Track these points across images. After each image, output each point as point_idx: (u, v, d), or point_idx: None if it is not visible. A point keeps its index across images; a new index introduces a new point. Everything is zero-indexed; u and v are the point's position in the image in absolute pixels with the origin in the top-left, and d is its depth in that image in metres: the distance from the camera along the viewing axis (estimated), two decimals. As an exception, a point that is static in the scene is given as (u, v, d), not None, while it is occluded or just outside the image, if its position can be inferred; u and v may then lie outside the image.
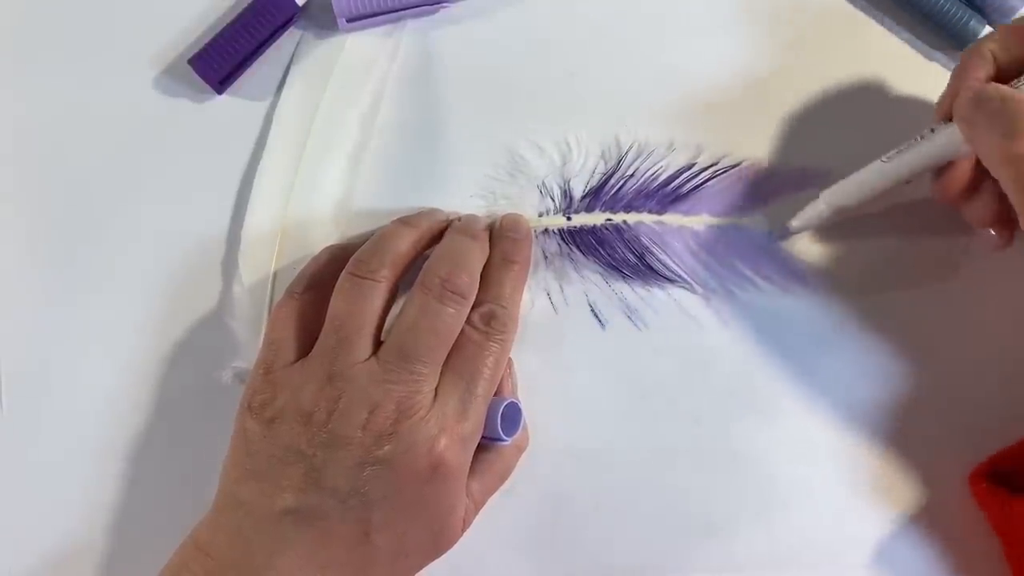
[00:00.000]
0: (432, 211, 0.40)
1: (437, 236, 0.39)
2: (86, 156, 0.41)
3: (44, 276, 0.40)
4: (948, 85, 0.37)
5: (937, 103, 0.38)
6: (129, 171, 0.41)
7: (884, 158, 0.38)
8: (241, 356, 0.39)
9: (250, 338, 0.39)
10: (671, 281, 0.41)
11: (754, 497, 0.40)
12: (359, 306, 0.35)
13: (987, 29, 0.42)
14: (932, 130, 0.37)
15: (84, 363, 0.40)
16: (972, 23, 0.41)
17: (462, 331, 0.36)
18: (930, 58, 0.43)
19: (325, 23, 0.41)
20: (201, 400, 0.39)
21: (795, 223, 0.40)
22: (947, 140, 0.36)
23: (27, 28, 0.41)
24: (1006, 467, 0.38)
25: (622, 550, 0.39)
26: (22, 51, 0.41)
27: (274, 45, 0.41)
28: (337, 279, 0.36)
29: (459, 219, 0.40)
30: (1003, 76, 0.36)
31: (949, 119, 0.36)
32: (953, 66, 0.42)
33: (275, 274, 0.40)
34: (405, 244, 0.37)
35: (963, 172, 0.37)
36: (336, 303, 0.35)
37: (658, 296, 0.41)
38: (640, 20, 0.42)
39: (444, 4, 0.41)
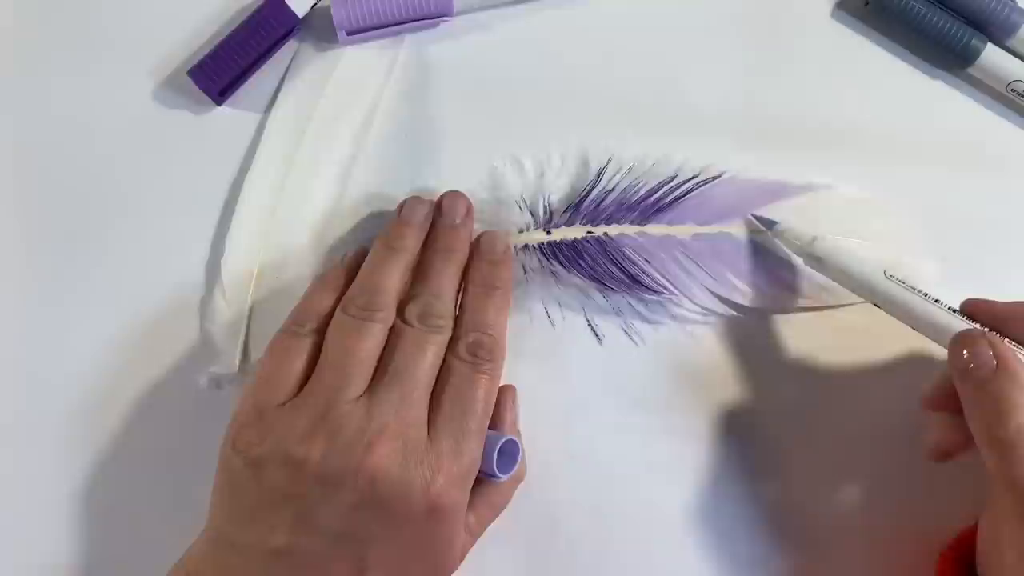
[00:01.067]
0: (412, 226, 0.38)
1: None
2: (85, 166, 0.41)
3: (38, 284, 0.40)
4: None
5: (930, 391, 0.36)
6: (128, 181, 0.41)
7: (887, 275, 0.36)
8: (218, 362, 0.39)
9: (228, 344, 0.39)
10: (657, 292, 0.40)
11: (752, 511, 0.39)
12: (356, 345, 0.34)
13: (988, 47, 0.42)
14: (936, 301, 0.35)
15: (78, 366, 0.39)
16: (973, 42, 0.41)
17: (450, 364, 0.35)
18: (933, 76, 0.43)
19: (325, 35, 0.41)
20: (195, 408, 0.39)
21: (777, 229, 0.39)
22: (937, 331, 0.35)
23: (27, 39, 0.42)
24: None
25: (619, 565, 0.39)
26: (23, 62, 0.41)
27: (276, 56, 0.41)
28: (330, 313, 0.36)
29: (433, 228, 0.39)
30: None
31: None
32: (956, 83, 0.42)
33: (255, 283, 0.40)
34: (397, 275, 0.37)
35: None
36: (333, 341, 0.35)
37: (655, 311, 0.40)
38: (639, 35, 0.42)
39: (444, 18, 0.41)
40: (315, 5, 0.41)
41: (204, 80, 0.40)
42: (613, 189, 0.41)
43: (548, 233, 0.40)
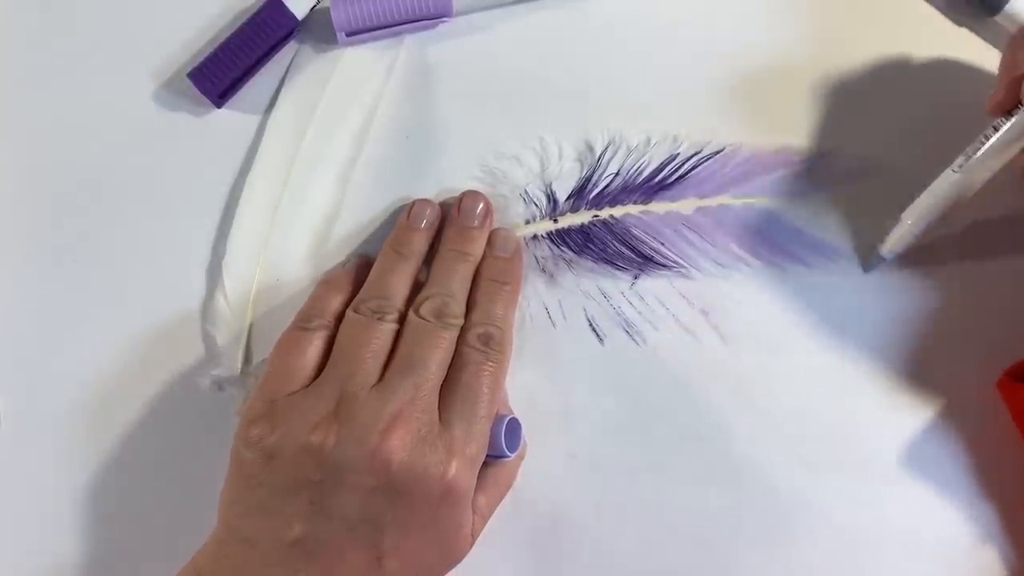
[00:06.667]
0: (419, 231, 0.39)
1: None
2: (86, 168, 0.41)
3: (39, 287, 0.40)
4: (1000, 77, 0.36)
5: (993, 99, 0.36)
6: (128, 184, 0.41)
7: (955, 168, 0.37)
8: (220, 364, 0.39)
9: (230, 346, 0.39)
10: (667, 268, 0.40)
11: (754, 511, 0.39)
12: (369, 338, 0.35)
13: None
14: (995, 128, 0.36)
15: (79, 368, 0.40)
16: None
17: (461, 353, 0.36)
18: (959, 24, 0.42)
19: (325, 37, 0.41)
20: (197, 410, 0.39)
21: (886, 248, 0.39)
22: (1018, 131, 0.35)
23: (29, 42, 0.42)
24: None
25: (620, 565, 0.39)
26: (23, 64, 0.42)
27: (276, 58, 0.41)
28: (340, 311, 0.37)
29: (451, 226, 0.39)
30: None
31: (1007, 112, 0.36)
32: (982, 31, 0.41)
33: (256, 285, 0.40)
34: (406, 280, 0.38)
35: None
36: (345, 336, 0.36)
37: (656, 311, 0.40)
38: (639, 34, 0.42)
39: (443, 19, 0.41)
40: (314, 7, 0.41)
41: (204, 82, 0.40)
42: (617, 173, 0.41)
43: (555, 221, 0.41)
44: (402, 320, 0.37)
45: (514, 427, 0.37)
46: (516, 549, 0.39)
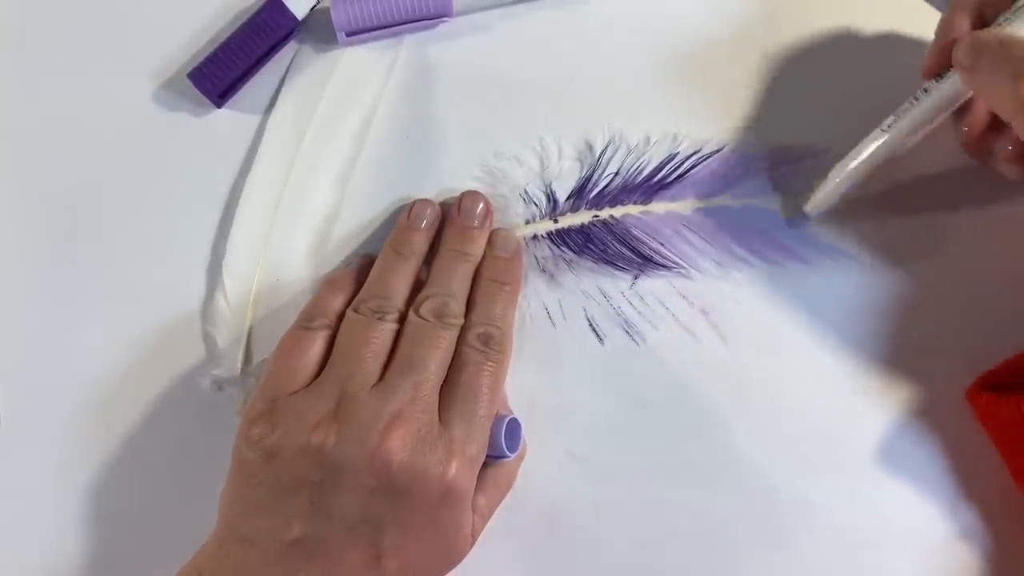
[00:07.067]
0: (419, 231, 0.39)
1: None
2: (87, 169, 0.41)
3: (39, 287, 0.40)
4: (934, 41, 0.36)
5: (926, 61, 0.36)
6: (129, 184, 0.41)
7: (883, 127, 0.37)
8: (220, 364, 0.39)
9: (230, 346, 0.39)
10: (667, 268, 0.40)
11: (754, 510, 0.39)
12: (369, 338, 0.35)
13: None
14: (925, 90, 0.36)
15: (79, 368, 0.40)
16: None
17: (461, 352, 0.36)
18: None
19: (324, 37, 0.41)
20: (197, 410, 0.39)
21: (810, 206, 0.40)
22: (946, 94, 0.36)
23: (28, 41, 0.42)
24: (998, 382, 0.38)
25: (620, 565, 0.39)
26: (23, 64, 0.42)
27: (276, 58, 0.41)
28: (342, 311, 0.37)
29: (451, 227, 0.40)
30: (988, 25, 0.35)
31: (938, 75, 0.36)
32: None
33: (256, 285, 0.40)
34: (406, 280, 0.38)
35: (983, 111, 0.36)
36: (345, 336, 0.36)
37: (656, 311, 0.40)
38: (639, 34, 0.42)
39: (444, 19, 0.41)
40: (314, 7, 0.41)
41: (204, 83, 0.40)
42: (617, 172, 0.41)
43: (555, 221, 0.41)
44: (402, 320, 0.37)
45: (514, 427, 0.37)
46: (516, 549, 0.39)
